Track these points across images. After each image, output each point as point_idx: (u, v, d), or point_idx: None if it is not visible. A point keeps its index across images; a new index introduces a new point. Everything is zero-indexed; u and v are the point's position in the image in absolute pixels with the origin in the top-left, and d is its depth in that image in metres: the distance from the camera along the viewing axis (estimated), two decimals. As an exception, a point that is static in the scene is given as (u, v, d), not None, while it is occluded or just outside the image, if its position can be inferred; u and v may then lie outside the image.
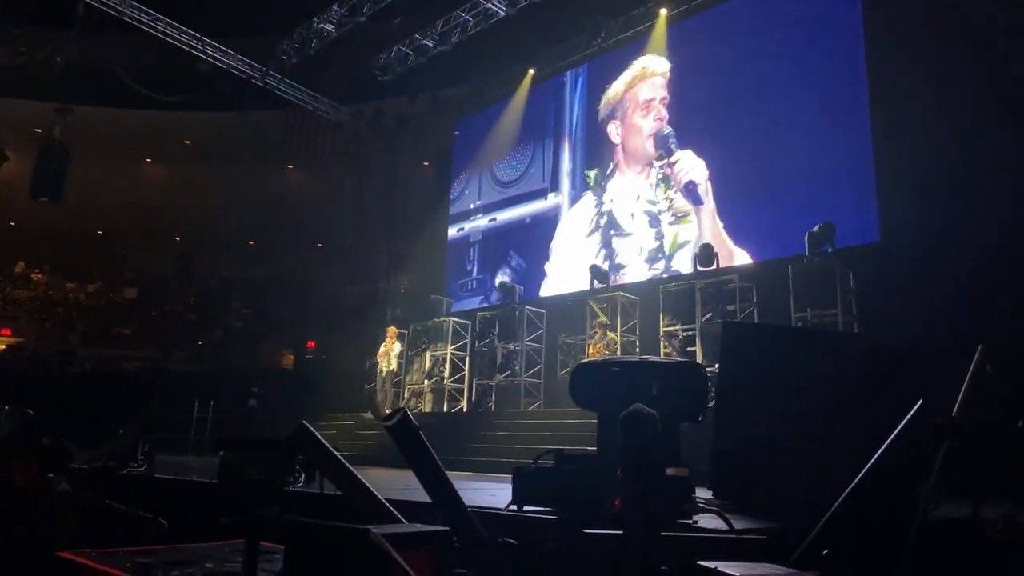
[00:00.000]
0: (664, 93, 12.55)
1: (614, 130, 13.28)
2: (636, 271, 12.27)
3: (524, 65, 15.08)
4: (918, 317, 7.86)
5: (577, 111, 14.28)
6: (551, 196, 14.32)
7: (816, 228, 9.06)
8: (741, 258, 10.72)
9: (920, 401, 2.67)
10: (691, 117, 12.04)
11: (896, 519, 2.72)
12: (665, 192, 12.15)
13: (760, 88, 11.14)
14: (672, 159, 11.95)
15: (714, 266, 10.20)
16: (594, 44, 13.90)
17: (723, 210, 11.12)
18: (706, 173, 11.47)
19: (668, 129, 12.18)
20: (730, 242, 10.94)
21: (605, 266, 12.46)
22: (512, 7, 13.44)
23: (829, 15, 10.58)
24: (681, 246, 11.67)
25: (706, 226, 11.29)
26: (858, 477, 2.66)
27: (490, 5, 13.67)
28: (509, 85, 15.42)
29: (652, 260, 12.12)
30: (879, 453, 2.66)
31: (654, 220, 12.24)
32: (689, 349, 10.13)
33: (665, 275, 11.66)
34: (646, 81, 12.92)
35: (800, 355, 5.13)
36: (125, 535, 3.62)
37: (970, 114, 8.46)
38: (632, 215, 12.63)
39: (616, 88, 13.40)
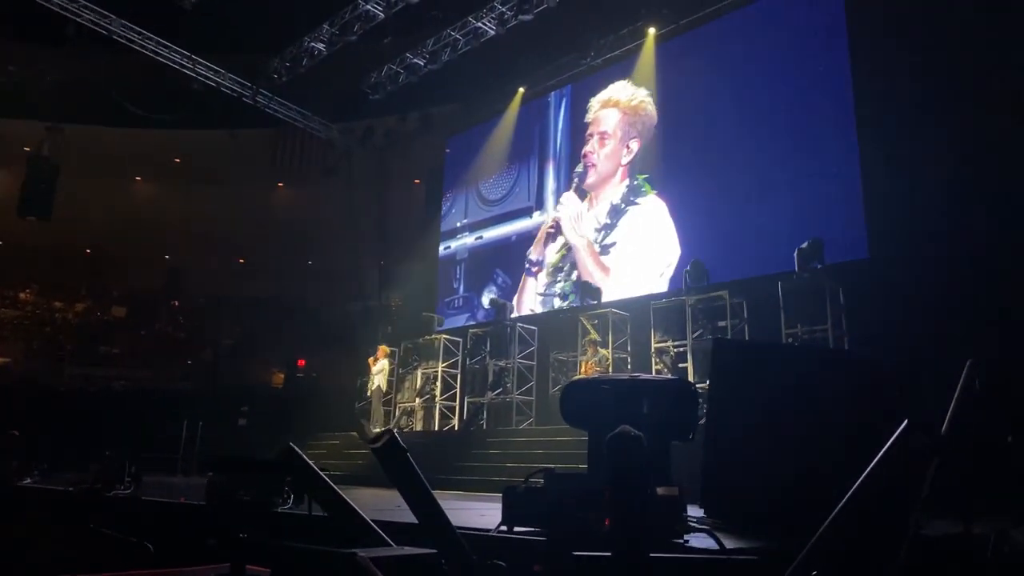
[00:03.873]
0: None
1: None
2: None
3: (515, 83, 15.17)
4: (908, 332, 7.88)
5: (561, 131, 14.39)
6: (536, 215, 14.40)
7: (805, 244, 9.11)
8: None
9: (906, 420, 2.67)
10: (679, 133, 12.13)
11: (886, 537, 2.71)
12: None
13: (748, 104, 11.24)
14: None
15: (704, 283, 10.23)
16: (583, 63, 14.01)
17: (713, 226, 11.18)
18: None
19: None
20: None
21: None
22: (502, 27, 13.54)
23: (814, 31, 10.69)
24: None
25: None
26: (847, 496, 2.65)
27: (480, 24, 13.77)
28: (500, 103, 15.50)
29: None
30: (867, 471, 2.65)
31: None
32: (680, 365, 10.14)
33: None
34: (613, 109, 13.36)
35: (790, 371, 5.12)
36: (111, 560, 3.57)
37: (958, 129, 8.55)
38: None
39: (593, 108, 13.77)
